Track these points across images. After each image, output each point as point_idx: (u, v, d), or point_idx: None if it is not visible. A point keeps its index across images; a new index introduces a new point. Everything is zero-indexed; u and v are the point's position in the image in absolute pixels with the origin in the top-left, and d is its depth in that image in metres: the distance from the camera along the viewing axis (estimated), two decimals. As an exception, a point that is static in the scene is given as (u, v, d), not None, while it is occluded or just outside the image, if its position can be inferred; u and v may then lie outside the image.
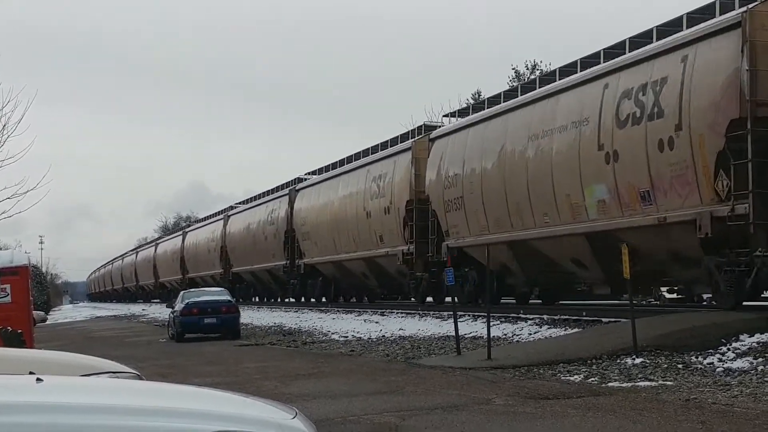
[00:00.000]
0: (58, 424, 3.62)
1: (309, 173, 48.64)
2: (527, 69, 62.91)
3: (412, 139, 33.50)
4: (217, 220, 64.00)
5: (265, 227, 50.36)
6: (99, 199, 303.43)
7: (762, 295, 20.06)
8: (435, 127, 33.63)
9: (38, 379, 4.35)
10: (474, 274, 28.06)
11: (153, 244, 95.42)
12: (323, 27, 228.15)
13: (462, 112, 32.72)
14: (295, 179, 49.32)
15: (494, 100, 28.87)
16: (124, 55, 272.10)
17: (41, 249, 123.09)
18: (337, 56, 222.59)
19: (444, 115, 36.78)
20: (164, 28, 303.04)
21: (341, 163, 42.33)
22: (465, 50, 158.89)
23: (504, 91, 28.91)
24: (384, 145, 37.55)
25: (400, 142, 35.37)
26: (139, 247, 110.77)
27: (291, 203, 46.14)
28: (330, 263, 40.95)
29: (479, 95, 60.66)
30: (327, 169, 44.72)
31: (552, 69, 27.51)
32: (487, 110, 28.13)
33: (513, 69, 64.58)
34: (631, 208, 20.55)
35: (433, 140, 30.98)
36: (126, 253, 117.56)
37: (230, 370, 17.92)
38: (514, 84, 29.18)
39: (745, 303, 18.50)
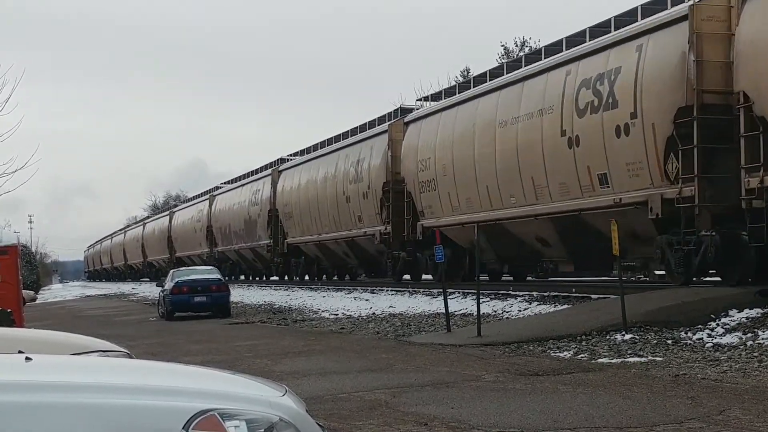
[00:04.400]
0: (46, 403, 3.60)
1: (421, 99, 36.18)
2: (516, 46, 62.91)
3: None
4: (261, 178, 51.51)
5: (347, 184, 37.47)
6: (94, 178, 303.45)
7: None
8: (410, 110, 34.03)
9: (27, 358, 4.33)
10: None
11: (167, 213, 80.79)
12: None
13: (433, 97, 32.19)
14: (397, 110, 36.64)
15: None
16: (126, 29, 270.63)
17: (30, 228, 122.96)
18: (333, 31, 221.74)
19: (418, 98, 36.26)
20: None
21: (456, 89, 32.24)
22: (453, 27, 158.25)
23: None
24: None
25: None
26: (147, 218, 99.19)
27: (392, 145, 33.33)
28: (486, 224, 26.57)
29: (468, 72, 60.59)
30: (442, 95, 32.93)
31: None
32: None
33: (502, 46, 64.57)
34: None
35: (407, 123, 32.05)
36: (129, 226, 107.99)
37: (220, 348, 17.92)
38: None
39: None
